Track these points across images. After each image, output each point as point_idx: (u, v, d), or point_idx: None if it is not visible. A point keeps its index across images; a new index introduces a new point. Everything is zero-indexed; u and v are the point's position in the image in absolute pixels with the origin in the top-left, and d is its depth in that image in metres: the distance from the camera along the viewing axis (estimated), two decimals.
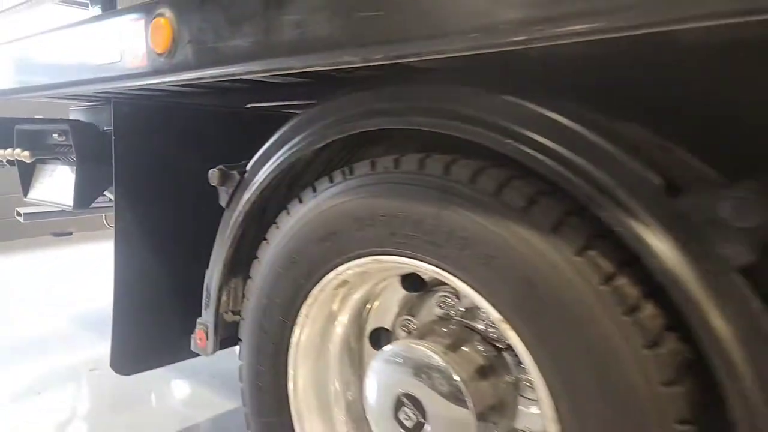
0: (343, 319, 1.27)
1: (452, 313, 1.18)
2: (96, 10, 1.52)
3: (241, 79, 1.12)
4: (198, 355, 1.98)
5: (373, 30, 0.81)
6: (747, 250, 0.65)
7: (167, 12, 1.15)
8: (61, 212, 2.60)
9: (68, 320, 3.12)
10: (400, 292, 1.27)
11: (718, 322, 0.68)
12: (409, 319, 1.27)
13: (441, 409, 1.03)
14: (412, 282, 1.22)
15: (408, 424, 1.07)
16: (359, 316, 1.31)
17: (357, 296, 1.25)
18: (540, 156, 0.81)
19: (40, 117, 2.45)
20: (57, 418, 2.04)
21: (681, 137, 0.81)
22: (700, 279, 0.69)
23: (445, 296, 1.20)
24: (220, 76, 1.08)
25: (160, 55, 1.17)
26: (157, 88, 1.53)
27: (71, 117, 2.39)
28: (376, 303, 1.33)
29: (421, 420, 1.05)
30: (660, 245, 0.71)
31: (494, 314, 0.90)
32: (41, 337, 2.88)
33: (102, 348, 1.93)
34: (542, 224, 0.82)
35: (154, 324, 1.75)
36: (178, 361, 2.03)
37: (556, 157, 0.79)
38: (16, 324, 3.09)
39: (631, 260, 0.77)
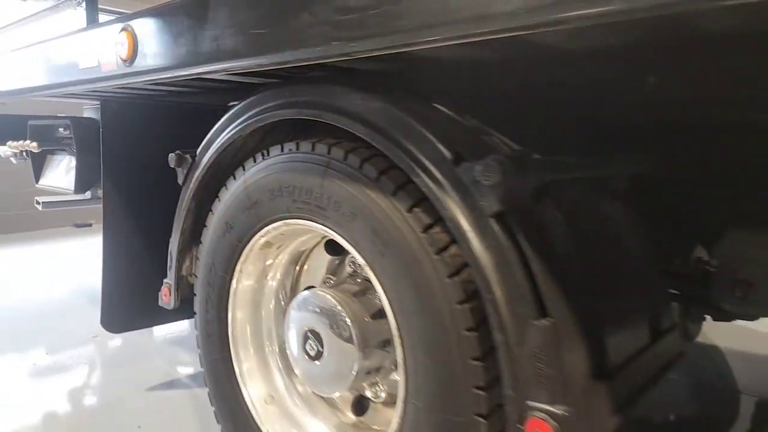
0: (275, 275, 1.56)
1: (358, 271, 1.46)
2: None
3: (221, 80, 1.41)
4: (178, 319, 2.29)
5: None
6: (495, 202, 0.92)
7: (130, 27, 1.44)
8: (77, 202, 2.94)
9: (82, 297, 3.48)
10: (325, 257, 1.55)
11: (482, 254, 0.95)
12: (330, 278, 1.55)
13: (334, 342, 1.31)
14: (333, 247, 1.50)
15: (311, 353, 1.36)
16: (293, 275, 1.60)
17: (284, 257, 1.53)
18: (378, 136, 1.08)
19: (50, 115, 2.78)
20: (61, 372, 2.38)
21: (496, 123, 1.08)
22: (471, 224, 0.96)
23: (354, 258, 1.48)
24: (174, 77, 1.37)
25: (125, 60, 1.47)
26: (136, 87, 1.84)
27: (84, 115, 2.71)
28: (307, 266, 1.61)
29: (320, 350, 1.34)
30: (449, 201, 0.99)
31: (360, 259, 1.18)
32: (56, 310, 3.23)
33: None
34: (386, 190, 1.10)
35: (137, 290, 2.05)
36: (161, 323, 2.34)
37: (389, 138, 1.07)
38: (36, 299, 3.46)
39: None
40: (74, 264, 4.47)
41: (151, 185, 1.95)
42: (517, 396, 0.93)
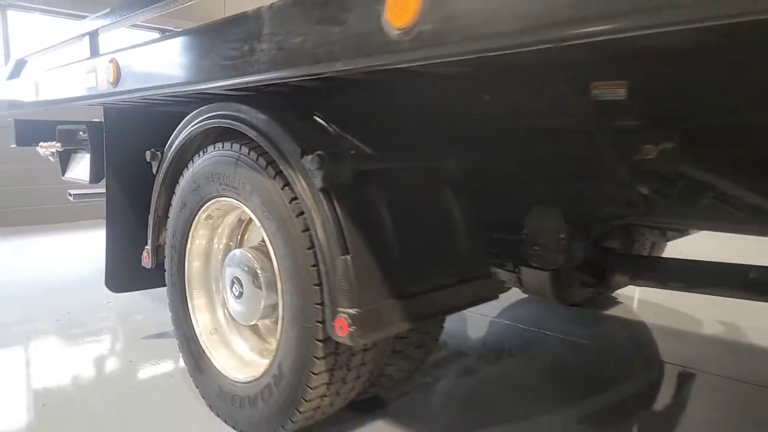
0: (221, 239, 2.11)
1: None
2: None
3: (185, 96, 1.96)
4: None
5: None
6: (319, 182, 1.44)
7: (115, 59, 2.01)
8: (102, 194, 3.55)
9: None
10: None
11: (314, 215, 1.47)
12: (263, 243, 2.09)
13: (249, 286, 1.85)
14: None
15: (236, 294, 1.90)
16: (236, 239, 2.13)
17: (226, 225, 2.08)
18: (263, 139, 1.62)
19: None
20: (74, 327, 2.99)
21: (354, 130, 1.61)
22: (308, 197, 1.48)
23: None
24: (146, 95, 1.93)
25: (112, 83, 2.04)
26: (126, 100, 2.41)
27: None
28: (248, 232, 2.16)
29: (242, 291, 1.88)
30: (298, 182, 1.51)
31: (257, 223, 1.72)
32: (77, 283, 3.87)
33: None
34: (270, 175, 1.63)
35: (132, 259, 2.63)
36: (153, 287, 2.91)
37: (269, 139, 1.60)
38: (63, 274, 4.11)
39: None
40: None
41: (141, 175, 2.52)
42: (332, 305, 1.45)
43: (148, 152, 2.19)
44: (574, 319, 3.18)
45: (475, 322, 3.15)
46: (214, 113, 1.84)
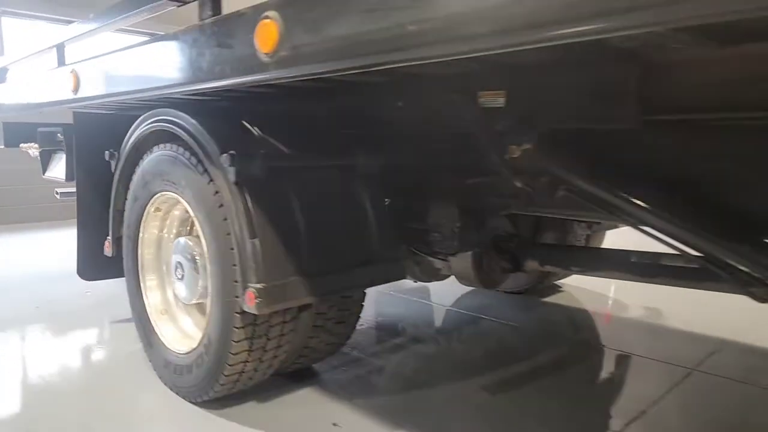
0: (170, 229, 2.37)
1: None
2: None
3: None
4: None
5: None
6: (232, 176, 1.71)
7: (75, 70, 2.28)
8: None
9: None
10: None
11: (230, 205, 1.74)
12: None
13: (188, 269, 2.12)
14: None
15: (179, 276, 2.17)
16: (186, 228, 2.40)
17: (174, 218, 2.35)
18: (192, 141, 1.88)
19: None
20: (50, 312, 3.27)
21: (276, 133, 1.87)
22: (226, 189, 1.75)
23: None
24: (102, 102, 2.20)
25: (73, 91, 2.31)
26: (88, 106, 2.68)
27: None
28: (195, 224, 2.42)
29: (183, 274, 2.15)
30: (217, 176, 1.78)
31: (191, 213, 1.98)
32: (61, 275, 4.15)
33: (95, 284, 3.09)
34: (200, 171, 1.89)
35: (100, 250, 2.89)
36: (123, 276, 3.17)
37: (197, 141, 1.87)
38: (48, 267, 4.39)
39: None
40: None
41: (106, 173, 2.78)
42: (243, 281, 1.72)
43: (107, 152, 2.46)
44: (517, 305, 3.44)
45: (428, 310, 3.42)
46: (156, 118, 2.11)
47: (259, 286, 1.68)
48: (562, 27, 0.83)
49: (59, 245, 5.44)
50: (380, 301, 3.50)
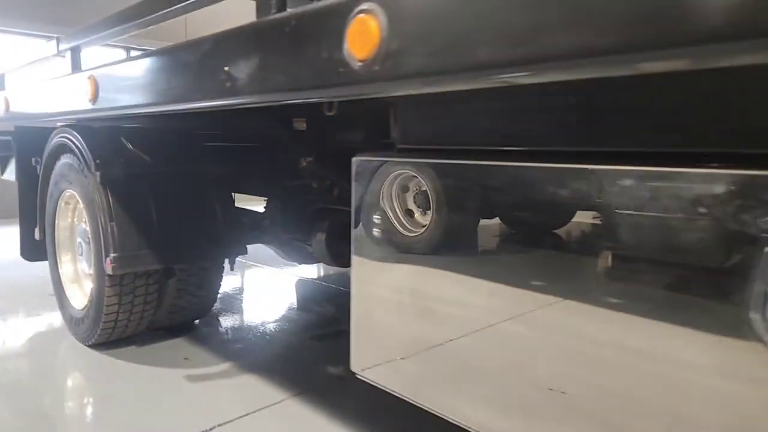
0: (80, 218, 3.09)
1: None
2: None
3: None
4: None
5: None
6: (99, 179, 2.43)
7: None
8: None
9: None
10: None
11: (97, 200, 2.46)
12: None
13: (85, 247, 2.84)
14: None
15: (80, 253, 2.90)
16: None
17: (79, 209, 3.07)
18: (82, 151, 2.60)
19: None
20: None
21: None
22: (97, 189, 2.48)
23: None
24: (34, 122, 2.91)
25: (4, 112, 3.03)
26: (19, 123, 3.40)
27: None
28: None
29: (83, 251, 2.87)
30: (92, 179, 2.50)
31: (82, 205, 2.71)
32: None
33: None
34: (83, 174, 2.61)
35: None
36: None
37: (80, 151, 2.59)
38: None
39: None
40: None
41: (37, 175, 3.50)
42: (105, 252, 2.44)
43: (33, 159, 3.19)
44: None
45: (317, 288, 4.15)
46: (59, 135, 2.83)
47: (114, 255, 2.40)
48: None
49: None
50: (286, 284, 4.24)
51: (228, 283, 3.98)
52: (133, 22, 2.12)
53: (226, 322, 3.29)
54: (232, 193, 3.06)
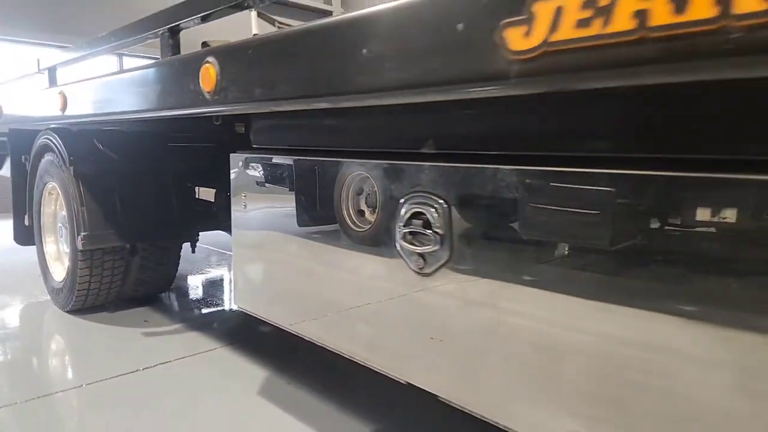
0: (61, 206, 3.67)
1: None
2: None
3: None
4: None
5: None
6: (74, 174, 3.01)
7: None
8: None
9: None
10: None
11: (71, 190, 3.04)
12: None
13: (64, 230, 3.42)
14: None
15: (61, 235, 3.48)
16: None
17: (60, 198, 3.65)
18: (57, 150, 3.18)
19: None
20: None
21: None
22: (70, 182, 3.06)
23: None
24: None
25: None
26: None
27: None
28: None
29: (63, 234, 3.45)
30: (68, 173, 3.08)
31: (61, 195, 3.29)
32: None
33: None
34: (62, 169, 3.19)
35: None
36: None
37: (59, 150, 3.17)
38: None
39: None
40: None
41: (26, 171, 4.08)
42: (77, 231, 3.01)
43: (23, 156, 3.77)
44: None
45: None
46: (43, 137, 3.41)
47: (83, 233, 2.98)
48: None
49: None
50: None
51: (191, 265, 4.56)
52: (99, 47, 2.69)
53: (184, 294, 3.86)
54: (195, 187, 3.63)
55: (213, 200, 3.48)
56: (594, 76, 0.79)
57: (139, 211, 3.19)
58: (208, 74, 1.51)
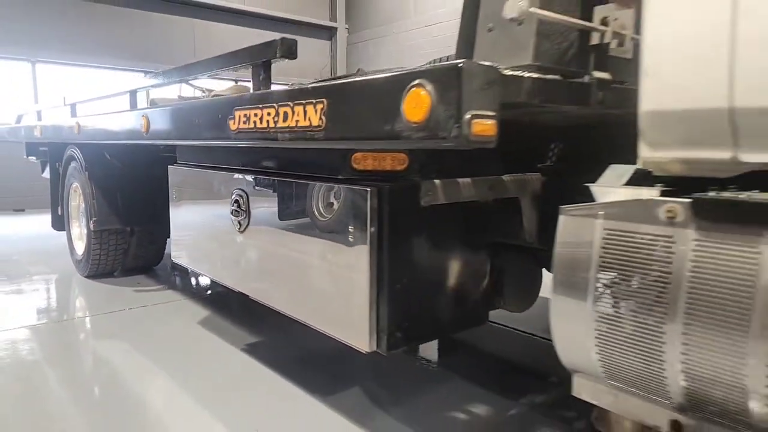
0: (81, 200, 4.97)
1: None
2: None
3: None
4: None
5: None
6: (86, 176, 4.28)
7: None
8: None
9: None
10: None
11: (86, 187, 4.32)
12: None
13: (83, 216, 4.71)
14: None
15: (83, 220, 4.77)
16: None
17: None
18: (78, 160, 4.46)
19: None
20: (26, 255, 5.93)
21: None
22: (87, 182, 4.33)
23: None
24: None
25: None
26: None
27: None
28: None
29: (83, 221, 4.74)
30: (84, 176, 4.36)
31: (80, 191, 4.57)
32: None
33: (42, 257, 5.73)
34: (82, 172, 4.47)
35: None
36: None
37: (79, 160, 4.44)
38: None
39: None
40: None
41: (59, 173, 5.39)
42: (89, 219, 4.28)
43: (57, 163, 5.09)
44: None
45: None
46: (69, 149, 4.69)
47: (94, 219, 4.24)
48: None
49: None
50: None
51: None
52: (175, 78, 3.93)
53: (168, 267, 5.12)
54: None
55: None
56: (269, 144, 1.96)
57: (133, 205, 4.44)
58: (145, 122, 2.70)
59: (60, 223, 5.49)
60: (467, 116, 1.16)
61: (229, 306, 3.92)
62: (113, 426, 2.27)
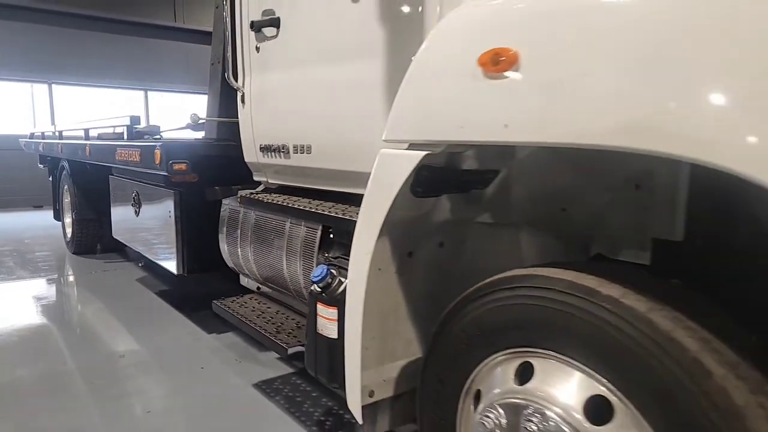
0: None
1: None
2: None
3: None
4: None
5: None
6: (69, 181, 6.12)
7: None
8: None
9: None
10: None
11: (72, 186, 6.16)
12: None
13: (72, 210, 6.56)
14: None
15: (71, 214, 6.63)
16: None
17: None
18: (67, 168, 6.30)
19: None
20: (27, 245, 7.83)
21: None
22: (72, 182, 6.17)
23: None
24: None
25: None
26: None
27: None
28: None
29: (71, 213, 6.60)
30: (71, 179, 6.19)
31: (69, 191, 6.42)
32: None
33: (48, 246, 7.57)
34: (70, 178, 6.30)
35: None
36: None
37: (67, 169, 6.28)
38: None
39: None
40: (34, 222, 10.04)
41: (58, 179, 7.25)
42: (73, 210, 6.12)
43: (55, 170, 6.95)
44: None
45: None
46: (62, 162, 6.53)
47: (75, 211, 6.08)
48: None
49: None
50: None
51: None
52: None
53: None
54: None
55: None
56: None
57: (101, 200, 6.26)
58: (88, 149, 4.49)
59: (58, 215, 7.37)
60: (170, 162, 2.93)
61: (154, 270, 5.72)
62: (66, 325, 4.08)
